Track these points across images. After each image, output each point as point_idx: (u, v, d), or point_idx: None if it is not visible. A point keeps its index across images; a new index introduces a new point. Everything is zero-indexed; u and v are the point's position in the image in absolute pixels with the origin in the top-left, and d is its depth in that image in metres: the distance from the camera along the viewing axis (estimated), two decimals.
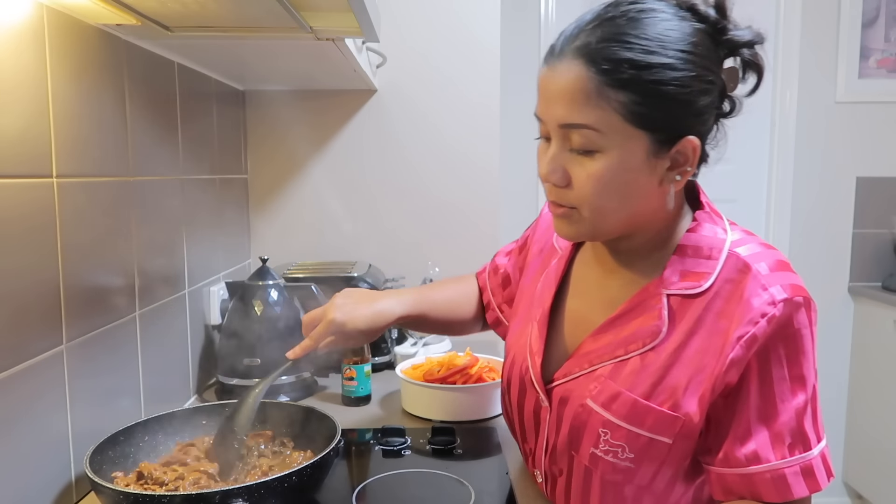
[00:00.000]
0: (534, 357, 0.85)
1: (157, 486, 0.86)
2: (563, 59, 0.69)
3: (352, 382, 1.33)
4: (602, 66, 0.67)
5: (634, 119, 0.68)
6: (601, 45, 0.67)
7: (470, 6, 1.79)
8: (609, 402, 0.75)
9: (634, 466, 0.75)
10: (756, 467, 0.70)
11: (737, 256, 0.74)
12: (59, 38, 0.89)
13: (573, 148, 0.72)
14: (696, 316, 0.73)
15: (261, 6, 0.90)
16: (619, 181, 0.71)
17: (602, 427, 0.75)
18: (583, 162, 0.71)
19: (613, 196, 0.72)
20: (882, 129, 2.75)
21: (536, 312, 0.89)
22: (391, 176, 1.84)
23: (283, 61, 1.40)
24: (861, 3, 2.67)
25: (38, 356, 0.84)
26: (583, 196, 0.72)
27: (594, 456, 0.76)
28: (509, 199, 2.53)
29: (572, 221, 0.75)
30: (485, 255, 1.84)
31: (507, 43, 1.94)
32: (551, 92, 0.71)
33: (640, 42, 0.67)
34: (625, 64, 0.66)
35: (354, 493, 0.94)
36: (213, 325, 1.47)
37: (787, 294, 0.70)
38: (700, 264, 0.75)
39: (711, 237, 0.76)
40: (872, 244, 2.77)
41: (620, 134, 0.69)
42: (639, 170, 0.71)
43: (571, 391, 0.79)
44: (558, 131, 0.72)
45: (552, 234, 0.95)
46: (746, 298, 0.70)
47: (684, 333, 0.73)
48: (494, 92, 1.81)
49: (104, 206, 1.02)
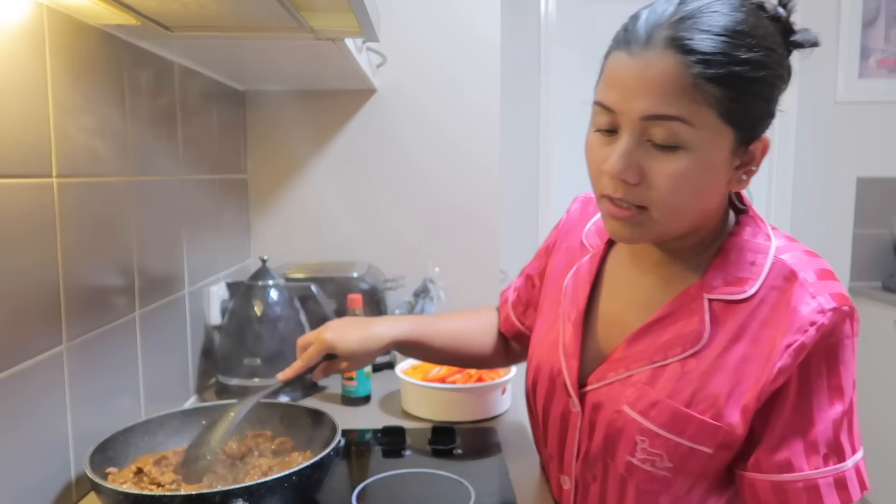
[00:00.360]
0: (569, 359, 0.82)
1: (155, 486, 0.86)
2: (652, 49, 0.64)
3: (352, 382, 1.33)
4: (697, 58, 0.63)
5: (727, 115, 0.65)
6: (694, 37, 0.63)
7: (470, 6, 1.78)
8: (647, 409, 0.72)
9: (672, 476, 0.72)
10: (788, 476, 0.69)
11: (782, 263, 0.72)
12: (59, 38, 0.89)
13: (653, 143, 0.67)
14: (739, 323, 0.71)
15: (261, 6, 0.90)
16: (698, 180, 0.67)
17: (640, 435, 0.72)
18: (661, 158, 0.67)
19: (689, 195, 0.68)
20: (882, 129, 2.75)
21: (570, 311, 0.85)
22: (391, 176, 1.84)
23: (283, 61, 1.40)
24: (861, 3, 2.68)
25: (38, 356, 0.84)
26: (657, 195, 0.68)
27: (630, 464, 0.74)
28: (509, 199, 2.53)
29: (637, 223, 0.70)
30: (485, 254, 1.85)
31: (507, 42, 1.94)
32: (637, 82, 0.65)
33: (734, 36, 0.64)
34: (720, 57, 0.63)
35: (354, 493, 0.94)
36: (213, 325, 1.47)
37: (836, 303, 0.68)
38: (743, 269, 0.73)
39: (755, 242, 0.74)
40: (872, 244, 2.77)
41: (711, 129, 0.65)
42: (719, 168, 0.68)
43: (606, 396, 0.76)
44: (637, 124, 0.67)
45: (580, 232, 0.92)
46: (794, 307, 0.69)
47: (727, 340, 0.71)
48: (494, 91, 1.81)
49: (104, 206, 1.02)
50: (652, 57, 0.65)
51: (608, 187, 0.70)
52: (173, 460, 0.94)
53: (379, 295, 1.58)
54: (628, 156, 0.67)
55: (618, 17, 0.78)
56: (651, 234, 0.72)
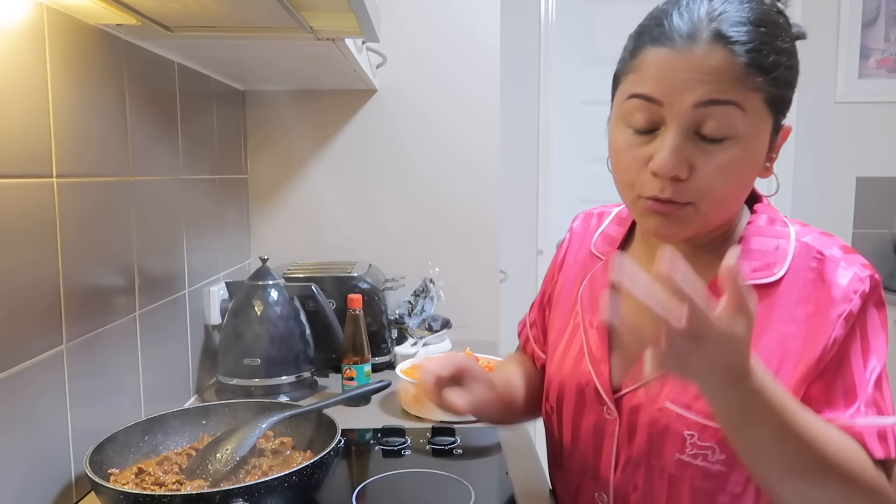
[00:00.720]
0: (598, 366, 0.80)
1: (156, 486, 0.86)
2: (698, 44, 0.66)
3: (352, 382, 1.33)
4: (745, 48, 0.65)
5: (771, 101, 0.68)
6: (742, 31, 0.66)
7: (470, 6, 1.78)
8: (692, 401, 0.71)
9: (727, 470, 0.71)
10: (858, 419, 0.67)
11: (806, 245, 0.74)
12: (59, 38, 0.89)
13: (704, 135, 0.67)
14: (772, 305, 0.72)
15: (261, 6, 0.90)
16: (745, 169, 0.69)
17: (687, 429, 0.71)
18: (712, 151, 0.67)
19: (737, 186, 0.70)
20: (882, 129, 2.75)
21: (592, 318, 0.83)
22: (391, 176, 1.84)
23: (283, 61, 1.40)
24: (861, 3, 2.68)
25: (38, 356, 0.84)
26: (707, 188, 0.68)
27: (681, 462, 0.72)
28: (509, 199, 2.53)
29: (682, 218, 0.70)
30: (485, 254, 1.85)
31: (507, 42, 1.94)
32: (689, 73, 0.66)
33: (769, 28, 0.67)
34: (765, 47, 0.66)
35: (354, 493, 0.94)
36: (213, 325, 1.47)
37: (869, 271, 0.71)
38: (769, 254, 0.74)
39: (774, 229, 0.76)
40: (872, 244, 2.77)
41: (759, 117, 0.67)
42: (760, 156, 0.70)
43: (644, 397, 0.75)
44: (689, 115, 0.66)
45: (588, 244, 0.91)
46: (833, 281, 0.70)
47: (762, 323, 0.71)
48: (494, 91, 1.81)
49: (104, 206, 1.02)
50: (701, 50, 0.65)
51: (654, 188, 0.69)
52: (175, 461, 0.94)
53: (379, 295, 1.58)
54: (680, 152, 0.67)
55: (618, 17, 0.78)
56: (694, 229, 0.71)
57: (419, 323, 1.66)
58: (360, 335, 1.34)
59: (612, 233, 0.88)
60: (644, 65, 0.69)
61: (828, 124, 2.75)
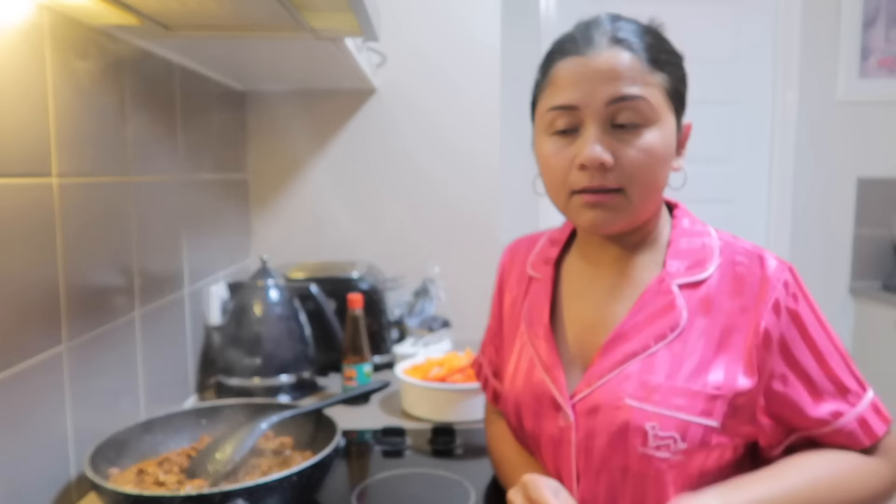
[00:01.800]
0: (551, 371, 0.81)
1: (157, 486, 0.86)
2: (601, 49, 0.75)
3: (352, 382, 1.33)
4: (641, 50, 0.75)
5: (671, 96, 0.76)
6: (633, 36, 0.75)
7: (470, 6, 1.78)
8: (650, 394, 0.74)
9: (687, 459, 0.73)
10: (841, 420, 0.75)
11: (727, 242, 0.81)
12: (59, 38, 0.89)
13: (618, 124, 0.74)
14: (708, 299, 0.77)
15: (261, 6, 0.90)
16: (661, 154, 0.75)
17: (648, 421, 0.73)
18: (628, 138, 0.74)
19: (657, 170, 0.75)
20: (883, 129, 2.75)
21: (536, 329, 0.85)
22: (391, 176, 1.84)
23: (283, 61, 1.40)
24: (861, 3, 2.67)
25: (37, 356, 0.84)
26: (632, 172, 0.74)
27: (645, 457, 0.73)
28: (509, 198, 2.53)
29: (615, 207, 0.75)
30: (484, 254, 1.85)
31: (507, 43, 1.94)
32: (597, 74, 0.74)
33: (657, 36, 0.78)
34: (656, 48, 0.76)
35: (354, 493, 0.94)
36: (213, 325, 1.47)
37: (786, 263, 0.78)
38: (697, 252, 0.80)
39: (696, 229, 0.83)
40: (873, 244, 2.77)
41: (663, 106, 0.75)
42: (671, 144, 0.77)
43: (601, 398, 0.76)
44: (602, 112, 0.74)
45: (523, 265, 0.94)
46: (759, 273, 0.76)
47: (702, 317, 0.76)
48: (494, 91, 1.81)
49: (104, 206, 1.02)
50: (605, 53, 0.74)
51: (583, 179, 0.75)
52: (176, 461, 0.94)
53: (379, 295, 1.58)
54: (600, 141, 0.74)
55: None
56: (626, 217, 0.76)
57: (419, 323, 1.66)
58: (360, 335, 1.34)
59: (547, 253, 0.91)
60: (557, 77, 0.77)
61: (828, 124, 2.75)
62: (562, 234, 0.93)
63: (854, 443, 0.76)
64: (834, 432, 0.76)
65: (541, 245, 0.94)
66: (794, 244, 2.76)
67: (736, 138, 2.77)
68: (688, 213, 0.86)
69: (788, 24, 2.68)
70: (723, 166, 2.78)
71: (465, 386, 1.22)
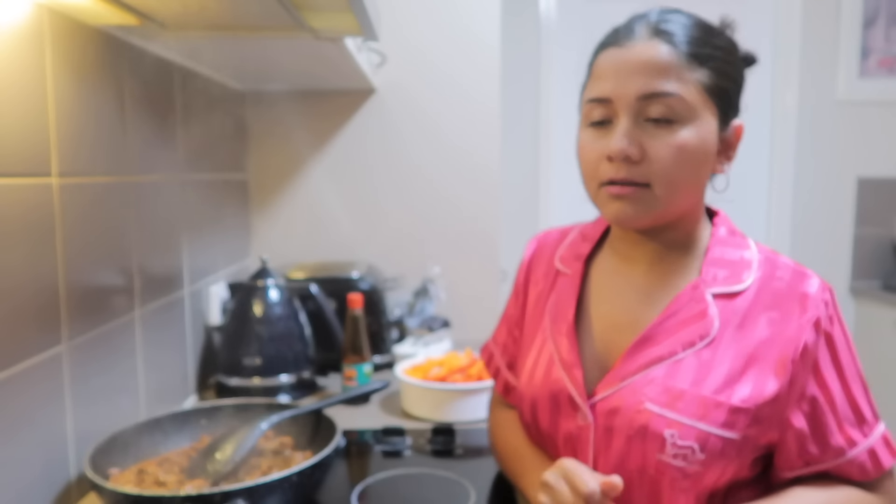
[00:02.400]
0: (570, 370, 0.80)
1: (157, 486, 0.86)
2: (640, 39, 0.74)
3: (352, 382, 1.33)
4: (682, 43, 0.73)
5: (710, 91, 0.74)
6: (677, 28, 0.74)
7: (470, 5, 1.78)
8: (673, 401, 0.72)
9: (704, 470, 0.72)
10: (854, 451, 0.74)
11: (766, 256, 0.79)
12: (59, 38, 0.89)
13: (651, 118, 0.73)
14: (744, 311, 0.75)
15: (261, 6, 0.90)
16: (694, 151, 0.73)
17: (668, 428, 0.72)
18: (660, 134, 0.73)
19: (687, 168, 0.74)
20: (883, 128, 2.75)
21: (560, 326, 0.84)
22: (391, 176, 1.84)
23: (283, 61, 1.40)
24: (861, 3, 2.67)
25: (37, 356, 0.84)
26: (660, 168, 0.72)
27: (661, 463, 0.72)
28: (510, 199, 2.53)
29: (640, 200, 0.74)
30: (485, 254, 1.86)
31: (507, 42, 1.94)
32: (630, 66, 0.73)
33: (705, 28, 0.75)
34: (700, 42, 0.74)
35: (354, 493, 0.94)
36: (213, 325, 1.47)
37: (828, 283, 0.77)
38: (735, 264, 0.78)
39: (735, 240, 0.81)
40: (873, 244, 2.77)
41: (700, 103, 0.73)
42: (709, 143, 0.75)
43: (623, 399, 0.75)
44: (633, 105, 0.73)
45: (551, 258, 0.92)
46: (800, 290, 0.75)
47: (734, 328, 0.75)
48: (494, 91, 1.81)
49: (104, 206, 1.02)
50: (641, 45, 0.73)
51: (610, 171, 0.74)
52: (176, 461, 0.94)
53: (379, 295, 1.58)
54: (629, 134, 0.73)
55: (618, 18, 0.80)
56: (653, 213, 0.75)
57: (419, 323, 1.66)
58: (360, 335, 1.34)
59: (578, 248, 0.89)
60: (597, 68, 0.77)
61: (828, 124, 2.75)
62: (595, 229, 0.90)
63: (862, 474, 0.75)
64: (846, 463, 0.74)
65: (571, 239, 0.92)
66: (794, 244, 2.76)
67: None
68: (728, 222, 0.83)
69: (788, 24, 2.68)
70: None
71: (465, 386, 1.22)
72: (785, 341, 0.73)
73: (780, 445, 0.74)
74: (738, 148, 0.79)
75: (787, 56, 2.69)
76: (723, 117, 0.76)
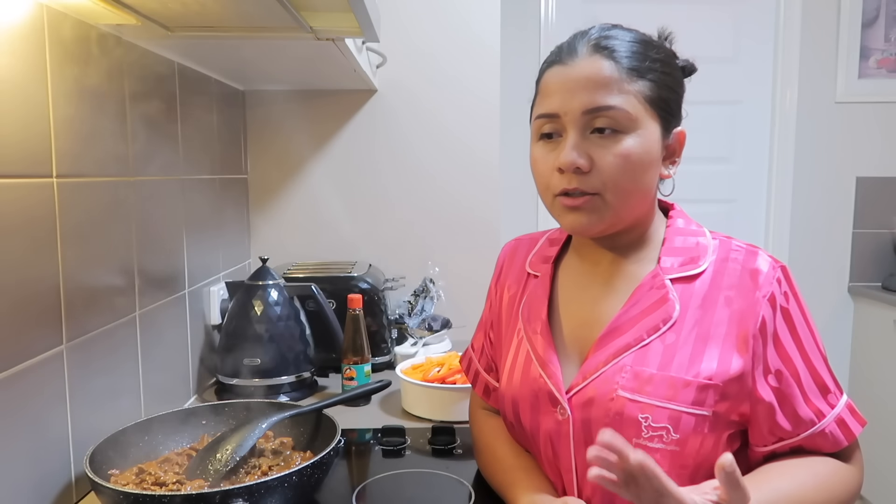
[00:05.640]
0: (547, 367, 0.83)
1: (157, 486, 0.86)
2: (583, 57, 0.77)
3: (352, 382, 1.33)
4: (622, 58, 0.77)
5: (652, 102, 0.77)
6: (617, 44, 0.77)
7: (470, 5, 1.79)
8: (643, 386, 0.75)
9: (680, 449, 0.74)
10: (824, 421, 0.77)
11: (722, 240, 0.83)
12: (59, 38, 0.89)
13: (597, 130, 0.76)
14: (702, 294, 0.79)
15: (261, 6, 0.90)
16: (640, 159, 0.77)
17: (641, 413, 0.75)
18: (606, 144, 0.76)
19: (636, 177, 0.77)
20: (882, 129, 2.75)
21: (534, 325, 0.87)
22: (391, 176, 1.84)
23: (283, 61, 1.40)
24: (861, 3, 2.67)
25: (37, 356, 0.84)
26: (608, 177, 0.76)
27: (640, 447, 0.72)
28: (509, 198, 2.53)
29: (593, 209, 0.78)
30: (485, 254, 1.85)
31: (507, 42, 1.94)
32: (574, 83, 0.77)
33: (643, 43, 0.79)
34: (639, 56, 0.77)
35: (354, 493, 0.94)
36: (213, 325, 1.47)
37: (776, 260, 0.80)
38: (691, 250, 0.82)
39: (691, 228, 0.85)
40: (872, 244, 2.77)
41: (642, 114, 0.77)
42: (654, 151, 0.78)
43: (596, 390, 0.78)
44: (580, 119, 0.76)
45: (522, 264, 0.96)
46: (754, 268, 0.78)
47: (695, 309, 0.78)
48: (494, 92, 1.81)
49: (104, 206, 1.02)
50: (584, 62, 0.77)
51: (562, 182, 0.78)
52: (176, 461, 0.94)
53: (379, 295, 1.58)
54: (577, 147, 0.77)
55: (618, 18, 0.82)
56: (606, 220, 0.79)
57: (419, 323, 1.66)
58: (360, 335, 1.34)
59: (546, 252, 0.94)
60: (544, 85, 0.81)
61: (828, 124, 2.75)
62: (561, 234, 0.94)
63: (834, 444, 0.78)
64: (818, 434, 0.77)
65: (540, 244, 0.96)
66: (793, 244, 2.76)
67: (736, 138, 2.77)
68: (683, 214, 0.88)
69: (788, 24, 2.68)
70: (723, 166, 2.78)
71: (465, 386, 1.22)
72: (743, 317, 0.76)
73: (752, 420, 0.77)
74: (682, 153, 0.83)
75: (788, 56, 2.69)
76: (665, 125, 0.79)
